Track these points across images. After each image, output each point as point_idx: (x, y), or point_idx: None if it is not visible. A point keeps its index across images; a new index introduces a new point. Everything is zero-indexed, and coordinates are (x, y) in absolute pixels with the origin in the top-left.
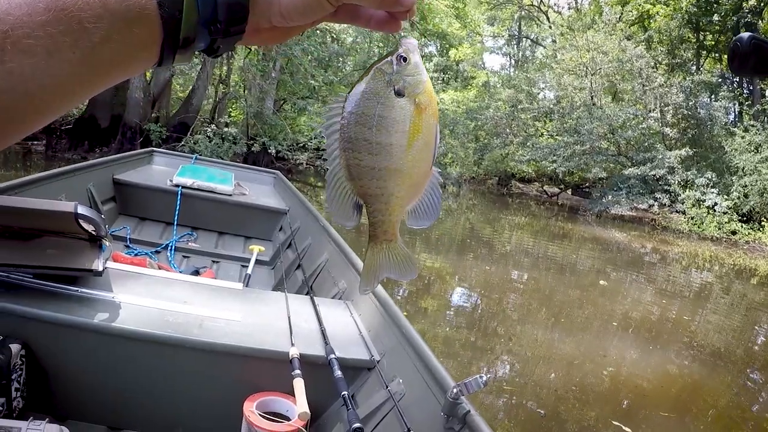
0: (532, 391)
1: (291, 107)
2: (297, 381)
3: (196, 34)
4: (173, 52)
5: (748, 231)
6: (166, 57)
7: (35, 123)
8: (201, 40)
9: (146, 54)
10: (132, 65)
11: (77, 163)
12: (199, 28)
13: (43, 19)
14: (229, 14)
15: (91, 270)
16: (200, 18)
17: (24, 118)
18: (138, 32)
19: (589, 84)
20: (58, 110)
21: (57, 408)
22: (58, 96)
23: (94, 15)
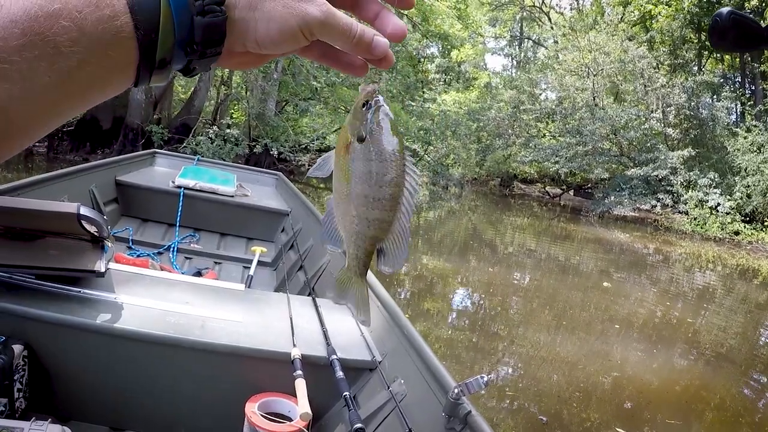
0: (534, 396)
1: (293, 108)
2: (299, 382)
3: (172, 55)
4: (149, 72)
5: (751, 231)
6: (142, 78)
7: (15, 146)
8: (177, 61)
9: (122, 76)
10: (108, 87)
11: (79, 164)
12: (176, 49)
13: (18, 43)
14: (205, 36)
15: (94, 271)
16: (176, 40)
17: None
18: (114, 55)
19: (591, 85)
20: (35, 134)
21: (59, 408)
22: (35, 119)
23: (69, 39)
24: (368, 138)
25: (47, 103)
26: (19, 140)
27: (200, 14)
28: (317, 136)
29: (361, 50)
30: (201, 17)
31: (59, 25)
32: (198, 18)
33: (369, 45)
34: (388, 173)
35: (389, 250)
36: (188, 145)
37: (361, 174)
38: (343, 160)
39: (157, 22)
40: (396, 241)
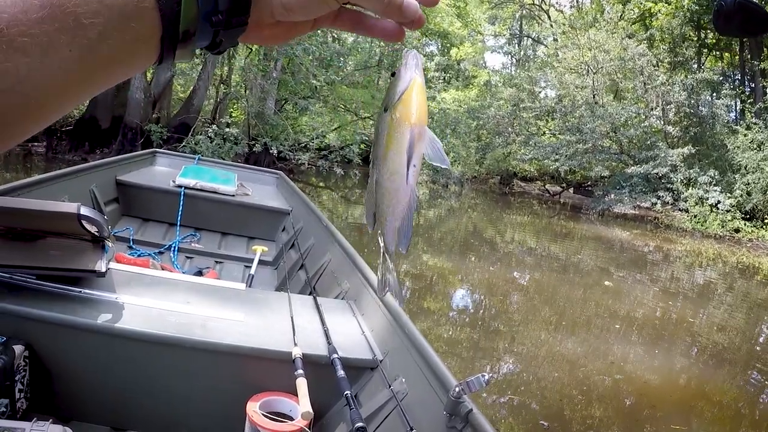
0: (535, 399)
1: (292, 107)
2: (300, 381)
3: (196, 27)
4: (173, 47)
5: (751, 229)
6: (166, 53)
7: (34, 125)
8: (202, 35)
9: (145, 50)
10: (131, 62)
11: (78, 164)
12: (200, 21)
13: (38, 16)
14: (229, 4)
15: (94, 271)
16: (200, 10)
17: (22, 121)
18: (136, 27)
19: (591, 82)
20: (57, 112)
21: (60, 409)
22: (55, 96)
23: (90, 11)
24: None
25: (68, 78)
26: (38, 118)
27: None
28: (317, 135)
29: (392, 12)
30: None
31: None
32: None
33: (400, 6)
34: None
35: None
36: (187, 144)
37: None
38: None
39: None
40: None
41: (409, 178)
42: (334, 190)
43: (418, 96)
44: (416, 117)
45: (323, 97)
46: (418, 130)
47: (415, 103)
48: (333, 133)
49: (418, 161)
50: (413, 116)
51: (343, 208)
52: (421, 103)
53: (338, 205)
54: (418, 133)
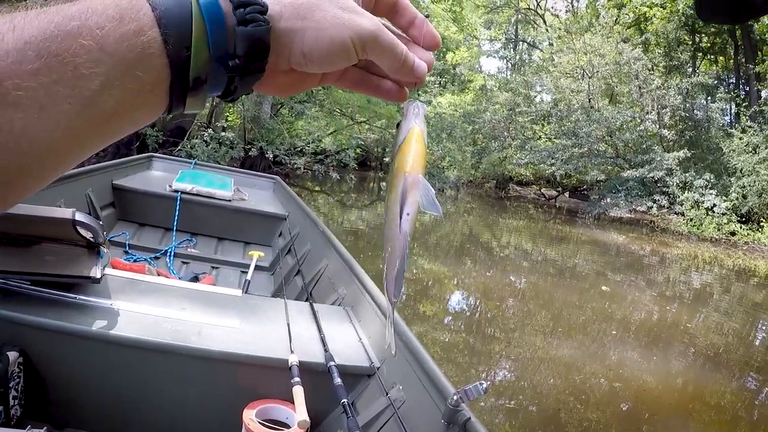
0: (532, 404)
1: (288, 111)
2: (296, 388)
3: (207, 72)
4: (183, 96)
5: (747, 232)
6: (175, 103)
7: (33, 184)
8: (215, 82)
9: (152, 100)
10: (137, 114)
11: (74, 168)
12: (212, 65)
13: (34, 67)
14: (248, 48)
15: (90, 277)
16: (212, 54)
17: (19, 179)
18: (141, 75)
19: (586, 87)
20: (58, 169)
21: (55, 416)
22: (55, 153)
23: (91, 60)
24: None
25: (68, 133)
26: (37, 176)
27: (241, 24)
28: (313, 139)
29: (405, 72)
30: (243, 27)
31: (78, 44)
32: (240, 28)
33: (412, 67)
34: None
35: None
36: (183, 148)
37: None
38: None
39: (189, 35)
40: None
41: (401, 226)
42: (330, 194)
43: (413, 145)
44: (410, 166)
45: (319, 101)
46: (411, 179)
47: (409, 152)
48: (329, 137)
49: (412, 209)
50: (407, 165)
51: (338, 212)
52: (416, 152)
53: (334, 210)
54: (412, 181)
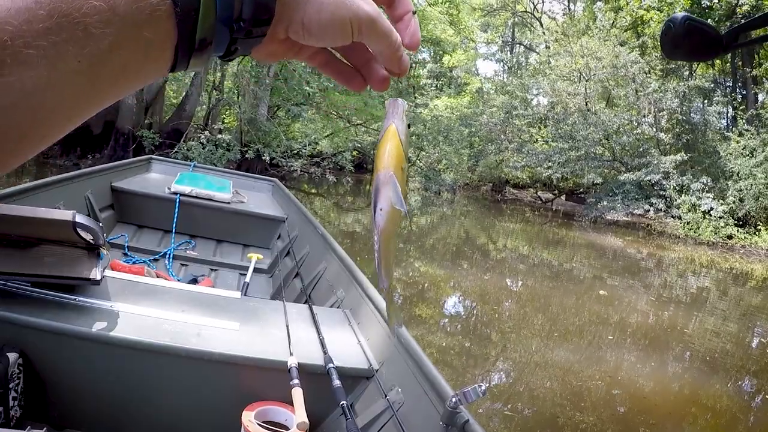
0: (528, 407)
1: (285, 114)
2: (295, 390)
3: (213, 34)
4: (188, 55)
5: (744, 235)
6: (180, 61)
7: (42, 141)
8: (219, 42)
9: (159, 59)
10: (143, 72)
11: (70, 169)
12: (218, 26)
13: (44, 26)
14: (255, 12)
15: (89, 279)
16: (218, 16)
17: (30, 137)
18: (149, 36)
19: (583, 90)
20: (66, 126)
21: (54, 417)
22: (64, 110)
23: (101, 20)
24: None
25: (77, 91)
26: (47, 134)
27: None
28: (309, 142)
29: (395, 59)
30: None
31: (89, 5)
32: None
33: (400, 58)
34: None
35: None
36: (180, 150)
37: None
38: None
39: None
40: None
41: (375, 222)
42: (326, 197)
43: (386, 143)
44: (383, 163)
45: (316, 103)
46: (383, 176)
47: (383, 150)
48: (325, 139)
49: (385, 205)
50: (381, 162)
51: (335, 215)
52: (388, 150)
53: (330, 212)
54: (383, 178)
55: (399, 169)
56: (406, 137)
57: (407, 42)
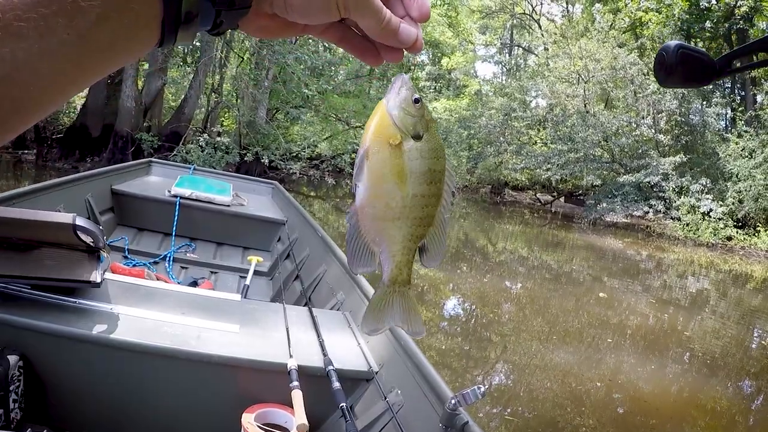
0: (528, 409)
1: (284, 116)
2: (295, 392)
3: (199, 7)
4: (175, 30)
5: (743, 236)
6: (167, 36)
7: (33, 115)
8: (204, 16)
9: (146, 33)
10: (131, 46)
11: (68, 172)
12: (202, 2)
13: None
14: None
15: (90, 281)
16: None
17: (20, 110)
18: (136, 8)
19: (582, 91)
20: (57, 99)
21: (54, 419)
22: (55, 83)
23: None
24: (426, 136)
25: (67, 63)
26: (37, 107)
27: None
28: (308, 144)
29: (388, 35)
30: None
31: None
32: None
33: (396, 30)
34: (441, 169)
35: (432, 243)
36: (178, 153)
37: (421, 173)
38: (396, 160)
39: None
40: (439, 234)
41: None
42: (326, 199)
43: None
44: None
45: (315, 106)
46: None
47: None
48: (324, 142)
49: (362, 183)
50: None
51: (334, 217)
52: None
53: (329, 215)
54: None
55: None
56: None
57: (416, 14)
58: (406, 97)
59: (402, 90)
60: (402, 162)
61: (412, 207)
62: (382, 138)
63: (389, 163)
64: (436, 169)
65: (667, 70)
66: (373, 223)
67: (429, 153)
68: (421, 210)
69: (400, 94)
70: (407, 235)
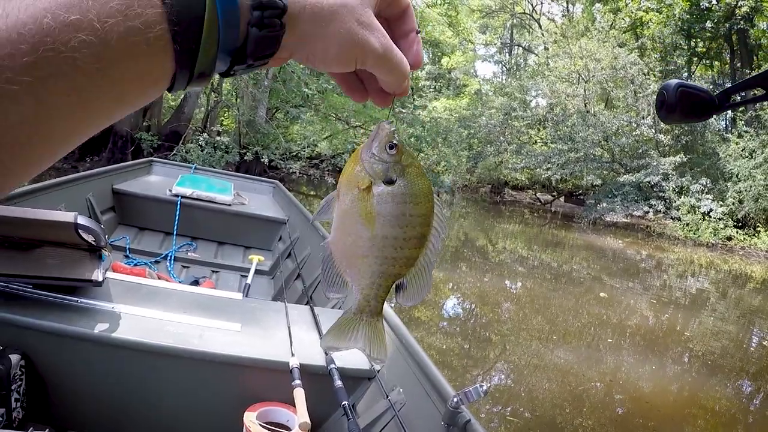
0: (528, 409)
1: (284, 116)
2: (297, 391)
3: (213, 68)
4: (186, 83)
5: (743, 237)
6: (177, 86)
7: (28, 172)
8: (219, 69)
9: (155, 89)
10: (139, 100)
11: (67, 172)
12: (221, 56)
13: (28, 60)
14: (258, 50)
15: (91, 280)
16: (219, 50)
17: (13, 169)
18: (146, 70)
19: (582, 91)
20: (54, 156)
21: (56, 418)
22: (52, 142)
23: (91, 54)
24: (399, 181)
25: (69, 123)
26: (37, 163)
27: (256, 26)
28: (308, 144)
29: (399, 86)
30: (257, 30)
31: (77, 39)
32: (253, 30)
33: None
34: (421, 213)
35: (412, 284)
36: (178, 152)
37: (392, 216)
38: (363, 202)
39: (199, 33)
40: (420, 275)
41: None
42: None
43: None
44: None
45: (314, 105)
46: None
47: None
48: (324, 141)
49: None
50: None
51: None
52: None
53: None
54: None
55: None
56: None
57: (411, 61)
58: (381, 143)
59: (378, 136)
60: (369, 204)
61: (383, 247)
62: (351, 182)
63: (356, 205)
64: (415, 213)
65: (668, 109)
66: (343, 256)
67: (403, 197)
68: (393, 251)
69: (375, 140)
70: (376, 272)
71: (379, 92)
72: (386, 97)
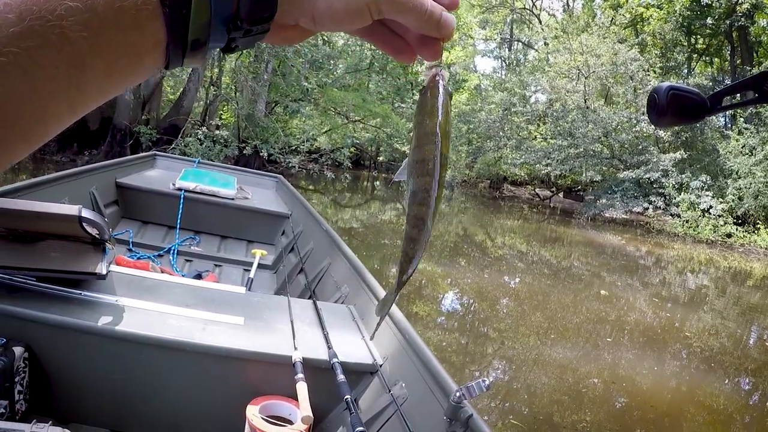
0: (526, 405)
1: (283, 110)
2: (300, 385)
3: (208, 34)
4: (181, 55)
5: (743, 234)
6: (173, 60)
7: (22, 148)
8: (216, 40)
9: (148, 60)
10: (132, 74)
11: (66, 165)
12: (215, 25)
13: (15, 31)
14: (252, 11)
15: (95, 273)
16: (213, 16)
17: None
18: (136, 38)
19: (582, 87)
20: (46, 134)
21: (60, 411)
22: (42, 119)
23: (78, 22)
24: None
25: (57, 98)
26: (25, 141)
27: None
28: (307, 138)
29: (431, 27)
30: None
31: (64, 6)
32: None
33: (439, 21)
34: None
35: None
36: (177, 146)
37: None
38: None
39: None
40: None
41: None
42: (324, 193)
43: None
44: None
45: (314, 99)
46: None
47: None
48: (323, 136)
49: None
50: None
51: (332, 211)
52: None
53: (328, 209)
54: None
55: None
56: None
57: (446, 2)
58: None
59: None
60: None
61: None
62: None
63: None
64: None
65: (659, 112)
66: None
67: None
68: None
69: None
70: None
71: (421, 42)
72: (432, 46)
